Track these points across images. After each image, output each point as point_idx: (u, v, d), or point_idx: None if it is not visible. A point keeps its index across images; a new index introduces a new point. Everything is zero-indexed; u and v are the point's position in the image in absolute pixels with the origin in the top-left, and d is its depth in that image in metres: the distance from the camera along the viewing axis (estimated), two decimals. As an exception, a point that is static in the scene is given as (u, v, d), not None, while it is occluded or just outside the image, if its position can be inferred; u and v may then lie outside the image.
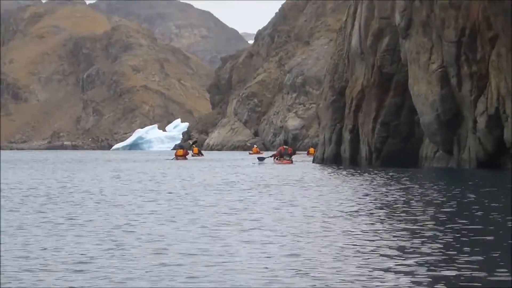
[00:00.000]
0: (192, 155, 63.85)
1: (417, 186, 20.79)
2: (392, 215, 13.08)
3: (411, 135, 37.29)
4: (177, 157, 58.77)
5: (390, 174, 27.96)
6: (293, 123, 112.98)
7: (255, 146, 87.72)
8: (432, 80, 32.79)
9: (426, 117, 33.49)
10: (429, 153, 35.32)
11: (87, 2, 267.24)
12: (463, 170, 30.94)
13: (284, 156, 44.24)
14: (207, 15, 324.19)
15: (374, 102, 37.71)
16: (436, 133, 33.27)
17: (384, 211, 13.90)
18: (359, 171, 30.89)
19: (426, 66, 33.15)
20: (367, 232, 10.74)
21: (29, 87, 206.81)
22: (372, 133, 37.65)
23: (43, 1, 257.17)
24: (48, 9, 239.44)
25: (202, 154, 67.69)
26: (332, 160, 41.19)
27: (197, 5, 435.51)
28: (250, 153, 75.72)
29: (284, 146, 45.82)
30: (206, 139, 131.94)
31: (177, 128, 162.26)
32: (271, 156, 46.69)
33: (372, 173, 29.12)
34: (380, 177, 25.90)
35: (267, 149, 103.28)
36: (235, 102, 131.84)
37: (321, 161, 42.30)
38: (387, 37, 37.50)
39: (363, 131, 38.54)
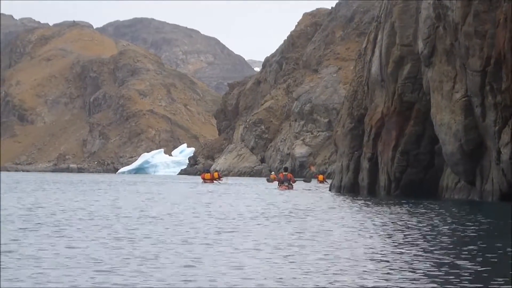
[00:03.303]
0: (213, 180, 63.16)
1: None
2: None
3: (431, 164, 36.62)
4: (204, 180, 58.89)
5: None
6: (300, 150, 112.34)
7: (273, 173, 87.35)
8: (455, 109, 32.20)
9: (448, 147, 32.86)
10: (450, 184, 34.65)
11: (95, 26, 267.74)
12: (488, 203, 30.20)
13: (284, 182, 45.47)
14: (214, 41, 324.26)
15: (394, 131, 37.11)
16: (459, 163, 32.60)
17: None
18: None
19: (450, 95, 32.59)
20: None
21: (36, 109, 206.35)
22: (392, 162, 37.00)
23: (51, 24, 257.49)
24: (55, 32, 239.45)
25: (221, 179, 66.87)
26: (349, 188, 40.39)
27: (204, 31, 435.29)
28: (268, 180, 75.11)
29: (284, 173, 47.17)
30: (212, 164, 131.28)
31: (183, 153, 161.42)
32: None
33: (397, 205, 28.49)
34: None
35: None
36: (242, 128, 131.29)
37: (338, 189, 41.54)
38: (409, 64, 36.89)
39: (382, 159, 37.87)
